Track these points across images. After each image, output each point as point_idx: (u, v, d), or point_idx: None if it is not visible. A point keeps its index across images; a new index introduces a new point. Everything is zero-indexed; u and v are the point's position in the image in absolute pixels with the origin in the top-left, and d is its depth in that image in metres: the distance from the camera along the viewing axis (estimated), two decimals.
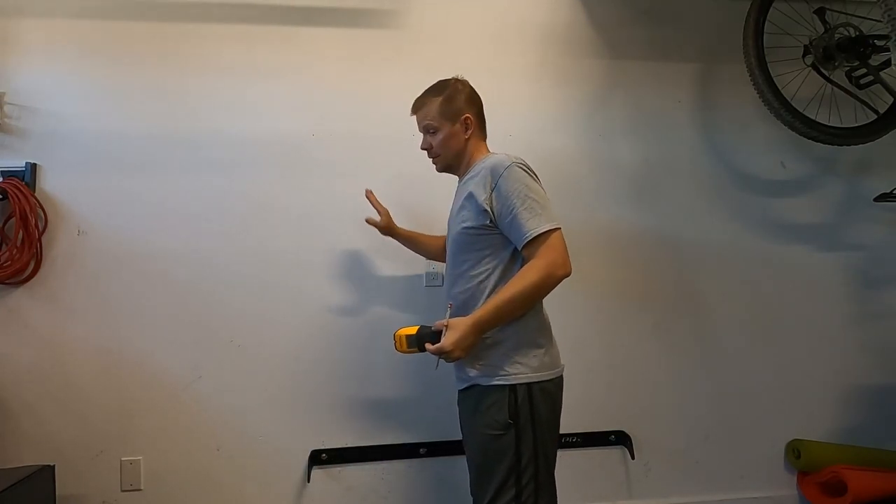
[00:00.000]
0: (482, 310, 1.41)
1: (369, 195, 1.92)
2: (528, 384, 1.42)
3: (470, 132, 1.59)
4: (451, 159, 1.63)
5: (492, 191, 1.45)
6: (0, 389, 1.91)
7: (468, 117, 1.58)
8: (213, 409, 2.00)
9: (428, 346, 1.43)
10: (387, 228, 1.91)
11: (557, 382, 1.49)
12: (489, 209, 1.44)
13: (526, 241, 1.40)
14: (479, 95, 1.65)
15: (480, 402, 1.46)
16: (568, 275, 1.41)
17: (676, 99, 2.34)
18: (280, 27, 2.11)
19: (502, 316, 1.41)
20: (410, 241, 1.96)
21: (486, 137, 1.66)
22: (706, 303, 2.30)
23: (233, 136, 2.07)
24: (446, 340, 1.39)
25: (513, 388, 1.42)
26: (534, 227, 1.39)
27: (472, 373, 1.48)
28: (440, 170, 1.69)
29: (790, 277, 2.36)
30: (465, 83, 1.63)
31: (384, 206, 1.94)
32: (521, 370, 1.43)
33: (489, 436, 1.43)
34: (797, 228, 2.39)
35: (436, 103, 1.59)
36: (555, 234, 1.40)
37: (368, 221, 1.91)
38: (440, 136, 1.60)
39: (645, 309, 2.25)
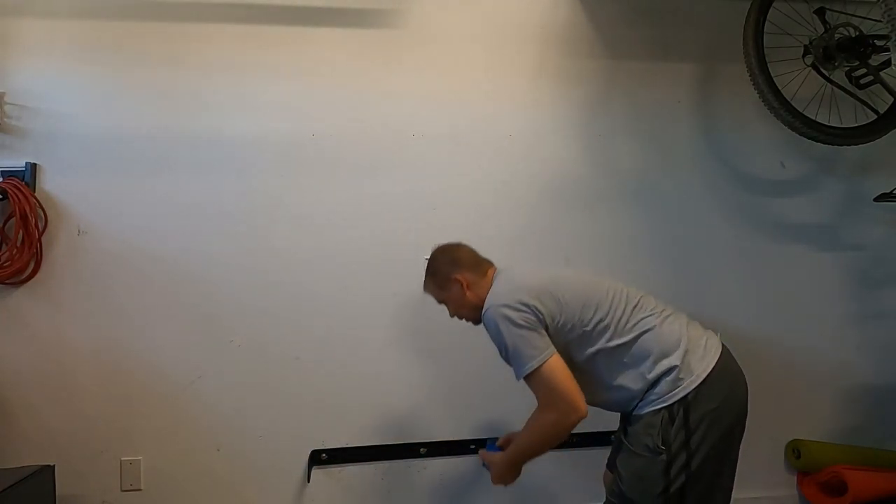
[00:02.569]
0: (511, 449, 1.56)
1: None
2: (684, 400, 1.40)
3: (467, 286, 1.62)
4: (470, 314, 1.65)
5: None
6: (0, 389, 1.91)
7: (456, 278, 1.62)
8: (213, 409, 2.01)
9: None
10: None
11: (708, 401, 1.42)
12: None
13: (522, 379, 1.45)
14: (456, 248, 1.68)
15: (635, 422, 1.48)
16: (578, 418, 1.41)
17: (676, 99, 2.34)
18: (280, 27, 2.11)
19: (529, 456, 1.55)
20: None
21: (484, 271, 1.64)
22: (705, 303, 2.30)
23: (233, 135, 2.07)
24: (492, 477, 1.62)
25: (667, 409, 1.41)
26: (521, 366, 1.43)
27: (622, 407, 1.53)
28: (476, 323, 1.68)
29: (790, 277, 2.36)
30: (442, 250, 1.69)
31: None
32: (657, 396, 1.43)
33: (637, 455, 1.44)
34: (797, 228, 2.39)
35: (431, 283, 1.70)
36: (539, 374, 1.40)
37: None
38: (451, 304, 1.68)
39: None
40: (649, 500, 1.42)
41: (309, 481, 2.03)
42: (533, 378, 1.42)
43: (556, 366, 1.41)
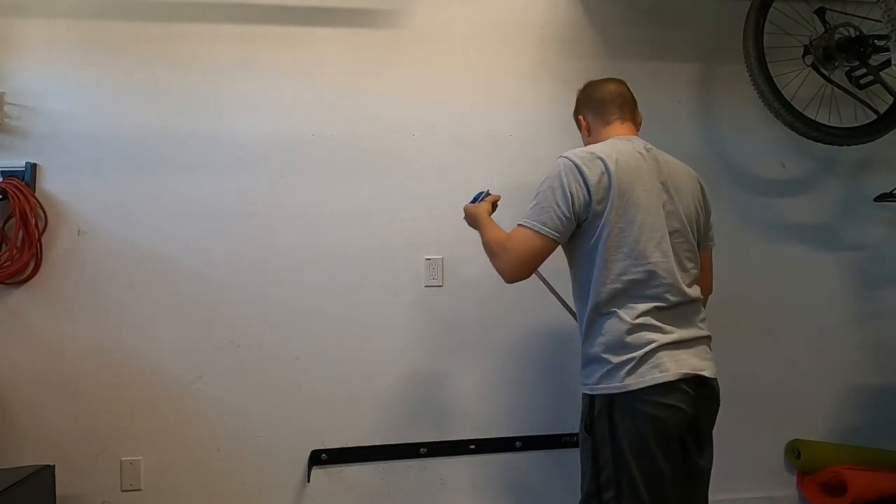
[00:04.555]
0: (486, 222, 1.59)
1: None
2: (609, 397, 1.39)
3: (586, 128, 1.65)
4: None
5: None
6: (0, 389, 1.91)
7: (580, 118, 1.66)
8: (213, 409, 2.00)
9: None
10: None
11: (642, 399, 1.35)
12: None
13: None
14: (601, 88, 1.63)
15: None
16: (502, 276, 1.46)
17: (676, 99, 2.34)
18: (280, 27, 2.11)
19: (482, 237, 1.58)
20: None
21: (610, 122, 1.60)
22: (705, 302, 2.30)
23: (232, 136, 2.07)
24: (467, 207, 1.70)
25: (592, 398, 1.44)
26: (527, 214, 1.44)
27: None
28: None
29: (790, 277, 2.36)
30: (589, 84, 1.67)
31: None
32: (589, 381, 1.45)
33: (581, 437, 1.49)
34: (797, 228, 2.39)
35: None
36: (522, 232, 1.43)
37: None
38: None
39: None
40: (587, 479, 1.45)
41: (309, 481, 2.03)
42: (519, 229, 1.44)
43: (536, 244, 1.41)
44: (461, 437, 2.12)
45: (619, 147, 1.48)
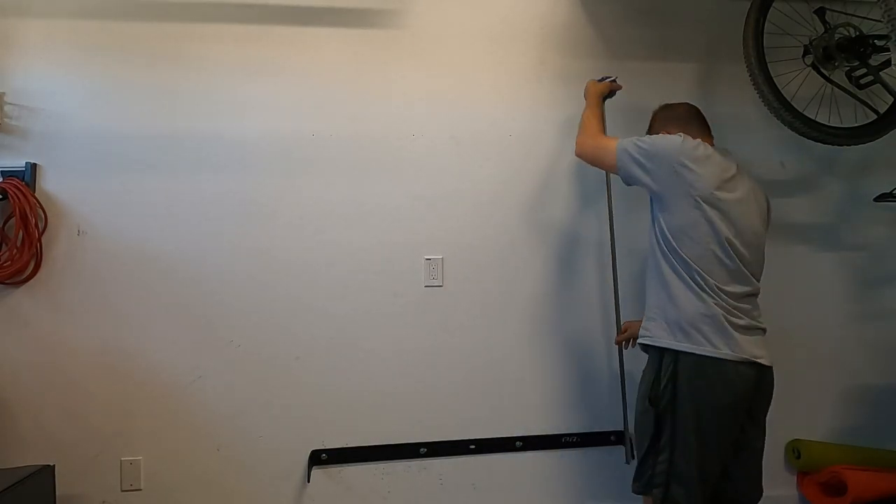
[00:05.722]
0: (592, 102, 1.96)
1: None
2: (676, 353, 1.55)
3: None
4: None
5: None
6: (0, 389, 1.91)
7: (664, 132, 1.79)
8: (213, 409, 2.00)
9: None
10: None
11: (713, 365, 1.53)
12: None
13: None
14: (680, 106, 1.86)
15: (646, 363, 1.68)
16: (575, 146, 1.87)
17: (676, 99, 2.32)
18: (280, 27, 2.11)
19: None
20: None
21: (697, 131, 1.77)
22: None
23: (233, 136, 2.07)
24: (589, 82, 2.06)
25: (660, 351, 1.59)
26: (629, 137, 1.72)
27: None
28: None
29: (790, 277, 2.36)
30: (663, 107, 1.90)
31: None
32: (660, 333, 1.61)
33: (640, 399, 1.63)
34: (797, 228, 2.39)
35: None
36: (613, 142, 1.72)
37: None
38: None
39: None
40: (645, 443, 1.60)
41: (309, 481, 2.03)
42: (614, 138, 1.74)
43: (608, 156, 1.73)
44: (461, 437, 2.12)
45: (717, 151, 1.70)
